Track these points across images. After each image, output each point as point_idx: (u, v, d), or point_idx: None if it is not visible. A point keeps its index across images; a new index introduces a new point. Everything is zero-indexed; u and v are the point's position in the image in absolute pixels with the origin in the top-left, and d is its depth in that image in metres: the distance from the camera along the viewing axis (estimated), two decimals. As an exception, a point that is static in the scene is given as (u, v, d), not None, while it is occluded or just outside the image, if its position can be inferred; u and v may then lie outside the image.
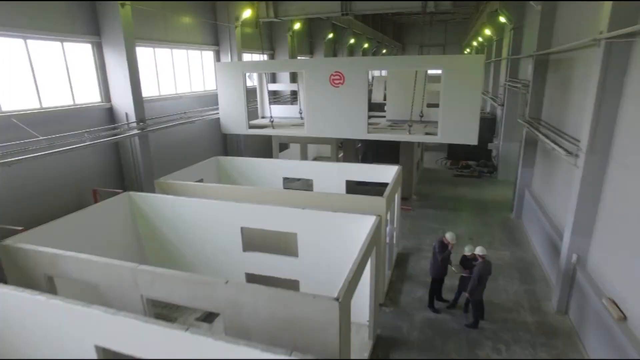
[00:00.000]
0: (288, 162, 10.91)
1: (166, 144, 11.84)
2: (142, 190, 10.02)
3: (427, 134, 10.75)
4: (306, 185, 11.50)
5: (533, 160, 12.04)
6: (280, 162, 10.87)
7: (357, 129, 10.70)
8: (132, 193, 8.14)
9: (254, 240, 7.66)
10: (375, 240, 6.12)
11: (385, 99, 21.17)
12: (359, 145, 15.92)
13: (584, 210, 7.02)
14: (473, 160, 18.95)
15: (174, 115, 11.55)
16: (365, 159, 17.61)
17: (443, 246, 7.91)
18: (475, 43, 30.63)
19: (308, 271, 7.24)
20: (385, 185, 8.78)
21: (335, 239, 6.83)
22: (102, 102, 9.66)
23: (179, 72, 12.56)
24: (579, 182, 6.97)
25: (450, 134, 9.99)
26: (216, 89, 12.93)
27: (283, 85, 17.79)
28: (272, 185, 11.04)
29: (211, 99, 13.55)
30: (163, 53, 11.84)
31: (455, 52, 48.20)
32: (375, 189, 9.72)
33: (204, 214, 7.66)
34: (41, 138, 7.69)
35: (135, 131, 9.65)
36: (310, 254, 7.11)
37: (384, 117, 15.39)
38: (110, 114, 9.83)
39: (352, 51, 30.46)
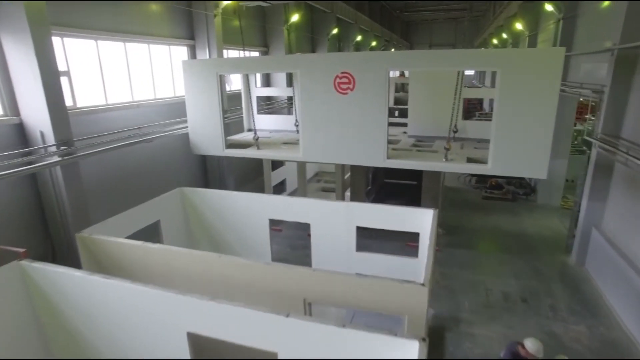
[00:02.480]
0: (277, 199, 7.96)
1: (121, 168, 8.92)
2: (69, 243, 7.11)
3: (469, 160, 7.72)
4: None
5: (606, 192, 9.00)
6: (267, 199, 7.91)
7: (373, 154, 7.69)
8: (23, 263, 5.18)
9: (209, 352, 4.69)
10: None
11: (395, 104, 18.25)
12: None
13: None
14: (503, 179, 15.90)
15: (124, 132, 8.60)
16: (376, 179, 14.65)
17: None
18: (495, 41, 27.55)
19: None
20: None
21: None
22: (7, 115, 6.72)
23: (137, 73, 9.62)
24: None
25: (507, 162, 6.97)
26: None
27: (276, 90, 14.75)
28: (254, 228, 8.08)
29: (184, 108, 10.61)
30: (113, 47, 8.90)
31: (467, 51, 45.09)
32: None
33: (129, 304, 4.71)
34: None
35: (55, 158, 6.71)
36: (300, 387, 4.14)
37: (397, 124, 12.37)
38: (21, 133, 6.89)
39: (358, 50, 27.46)
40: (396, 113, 16.81)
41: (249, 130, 11.52)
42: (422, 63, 7.27)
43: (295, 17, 15.77)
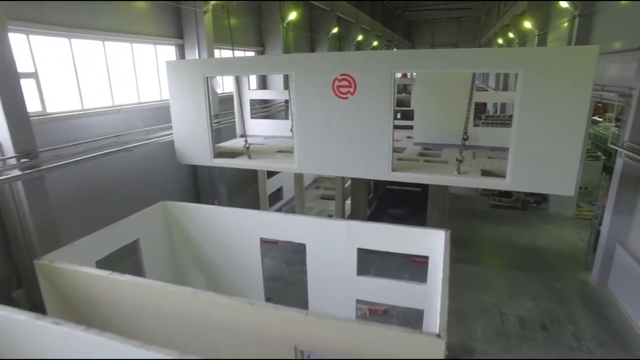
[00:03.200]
0: (269, 216, 7.14)
1: (100, 179, 8.14)
2: (32, 267, 6.29)
3: (484, 173, 6.89)
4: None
5: (633, 204, 8.19)
6: (258, 216, 7.09)
7: (376, 166, 6.87)
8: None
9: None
10: None
11: (397, 105, 17.44)
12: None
13: None
14: (512, 185, 15.06)
15: (100, 140, 7.79)
16: (378, 186, 13.85)
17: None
18: (501, 40, 26.71)
19: None
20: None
21: None
22: (-40, 124, 5.93)
23: (118, 75, 8.82)
24: None
25: (528, 177, 6.14)
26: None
27: (270, 93, 13.87)
28: (244, 247, 7.28)
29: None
30: (90, 47, 8.10)
31: (470, 51, 44.27)
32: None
33: (82, 355, 3.90)
34: None
35: (15, 172, 5.90)
36: None
37: (400, 127, 11.54)
38: (-21, 144, 6.09)
39: (359, 50, 26.67)
40: (398, 115, 16.04)
41: (242, 136, 10.71)
42: (432, 64, 6.44)
43: (292, 15, 14.97)
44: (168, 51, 10.37)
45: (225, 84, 12.82)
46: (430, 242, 6.00)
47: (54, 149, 6.67)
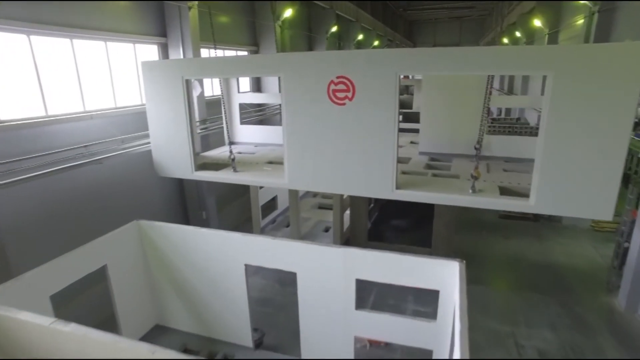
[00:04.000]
0: (256, 241, 6.26)
1: (71, 194, 7.24)
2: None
3: (503, 191, 5.98)
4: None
5: (666, 224, 7.30)
6: (243, 240, 6.20)
7: (377, 182, 5.96)
8: None
9: None
10: None
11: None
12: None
13: None
14: (522, 193, 14.15)
15: (65, 151, 6.90)
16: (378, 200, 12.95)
17: None
18: (506, 40, 25.79)
19: None
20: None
21: None
22: None
23: (91, 77, 7.93)
24: None
25: (557, 198, 5.23)
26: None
27: (262, 97, 12.83)
28: (227, 274, 6.39)
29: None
30: (54, 45, 7.21)
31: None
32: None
33: None
34: None
35: (-46, 192, 5.02)
36: None
37: (402, 129, 10.61)
38: None
39: (359, 49, 25.78)
40: (400, 117, 15.15)
41: (231, 143, 9.80)
42: (443, 65, 5.52)
43: (288, 13, 14.07)
44: (150, 51, 9.47)
45: (216, 86, 11.92)
46: (441, 275, 5.11)
47: (3, 163, 5.77)
